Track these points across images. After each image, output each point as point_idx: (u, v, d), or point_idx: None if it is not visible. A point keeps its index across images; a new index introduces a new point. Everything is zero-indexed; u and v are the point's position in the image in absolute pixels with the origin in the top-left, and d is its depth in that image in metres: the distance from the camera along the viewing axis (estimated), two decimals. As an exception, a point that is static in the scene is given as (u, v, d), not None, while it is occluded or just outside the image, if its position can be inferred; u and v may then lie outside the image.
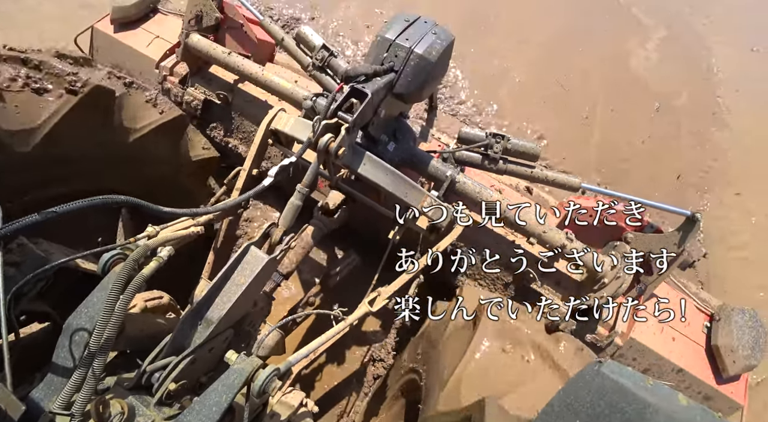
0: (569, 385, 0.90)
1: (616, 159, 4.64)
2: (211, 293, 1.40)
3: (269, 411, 1.54)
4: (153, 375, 1.33)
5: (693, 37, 5.86)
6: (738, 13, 6.16)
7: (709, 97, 5.35)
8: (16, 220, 1.07)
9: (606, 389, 0.84)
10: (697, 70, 5.56)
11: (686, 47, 5.75)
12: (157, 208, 1.34)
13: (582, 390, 0.86)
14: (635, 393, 0.82)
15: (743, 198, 4.67)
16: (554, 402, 0.90)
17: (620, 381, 0.84)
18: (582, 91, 5.00)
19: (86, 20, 2.74)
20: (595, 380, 0.86)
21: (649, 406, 0.79)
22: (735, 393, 2.24)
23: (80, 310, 1.28)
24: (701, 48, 5.77)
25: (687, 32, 5.89)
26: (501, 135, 2.17)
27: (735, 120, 5.18)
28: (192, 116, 2.58)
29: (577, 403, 0.86)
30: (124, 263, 1.27)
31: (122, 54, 2.69)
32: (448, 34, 1.92)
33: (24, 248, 1.48)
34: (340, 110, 1.66)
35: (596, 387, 0.85)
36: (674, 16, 5.99)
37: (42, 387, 1.19)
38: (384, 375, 2.27)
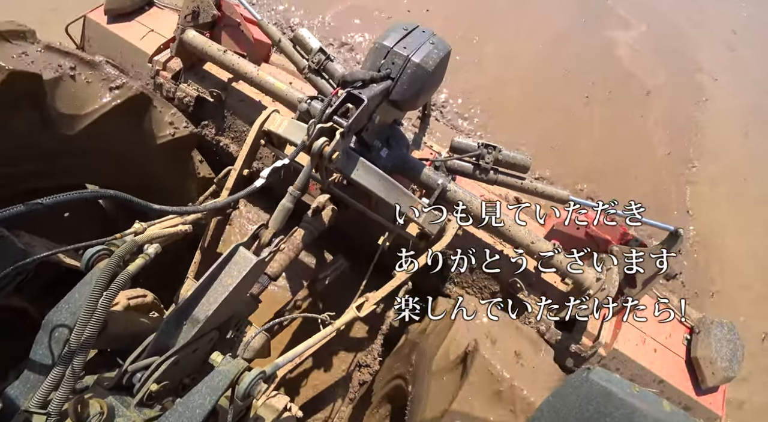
0: (558, 391, 0.91)
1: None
2: (197, 293, 1.38)
3: (253, 415, 1.52)
4: (134, 375, 1.29)
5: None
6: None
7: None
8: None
9: (594, 394, 0.86)
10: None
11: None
12: (145, 203, 1.31)
13: (570, 396, 0.88)
14: (623, 398, 0.83)
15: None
16: (543, 407, 0.91)
17: (608, 387, 0.86)
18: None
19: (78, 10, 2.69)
20: (584, 386, 0.88)
21: (637, 411, 0.81)
22: (713, 404, 2.30)
23: (61, 306, 1.24)
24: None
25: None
26: (493, 146, 2.21)
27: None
28: (184, 113, 2.55)
29: (565, 409, 0.87)
30: (109, 259, 1.24)
31: (115, 46, 2.64)
32: (445, 44, 1.95)
33: (4, 240, 1.43)
34: (336, 115, 1.66)
35: (584, 392, 0.87)
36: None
37: (17, 384, 1.15)
38: (369, 380, 2.25)
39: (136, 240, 1.39)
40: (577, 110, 5.10)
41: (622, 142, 4.99)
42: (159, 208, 1.37)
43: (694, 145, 5.20)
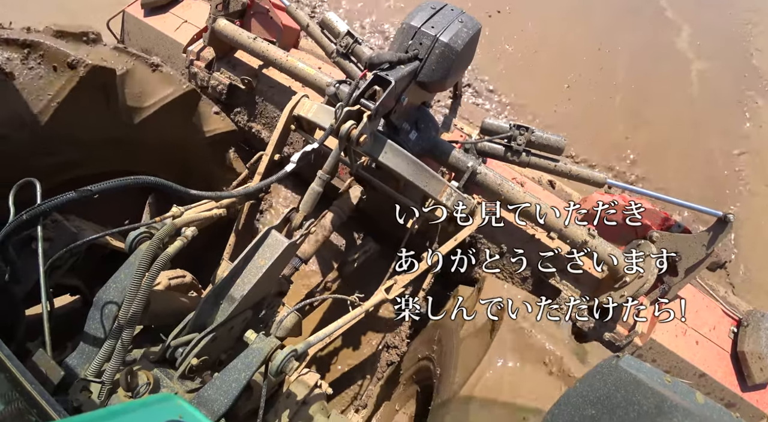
0: (586, 377, 0.89)
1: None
2: (233, 274, 1.44)
3: (285, 390, 1.59)
4: (176, 349, 1.38)
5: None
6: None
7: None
8: (55, 197, 1.12)
9: (622, 382, 0.84)
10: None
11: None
12: (184, 190, 1.38)
13: (598, 383, 0.86)
14: (653, 388, 0.81)
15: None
16: (570, 392, 0.90)
17: (638, 375, 0.83)
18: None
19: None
20: (612, 373, 0.86)
21: (666, 401, 0.78)
22: (760, 402, 2.17)
23: (109, 285, 1.34)
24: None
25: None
26: (525, 127, 2.13)
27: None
28: (217, 101, 2.62)
29: (593, 394, 0.86)
30: (150, 242, 1.32)
31: (151, 38, 2.75)
32: (475, 22, 1.88)
33: (58, 224, 1.55)
34: (363, 97, 1.65)
35: (613, 380, 0.85)
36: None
37: (75, 355, 1.26)
38: (397, 361, 2.29)
39: (175, 223, 1.46)
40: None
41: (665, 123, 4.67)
42: (196, 193, 1.44)
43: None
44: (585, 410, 0.85)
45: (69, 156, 2.07)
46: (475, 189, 2.16)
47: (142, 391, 1.24)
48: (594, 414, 0.83)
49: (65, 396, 1.12)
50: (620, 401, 0.82)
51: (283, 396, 1.57)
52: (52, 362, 1.13)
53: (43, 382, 1.04)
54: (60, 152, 2.02)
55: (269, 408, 1.52)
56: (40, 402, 0.87)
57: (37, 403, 0.87)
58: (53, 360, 1.14)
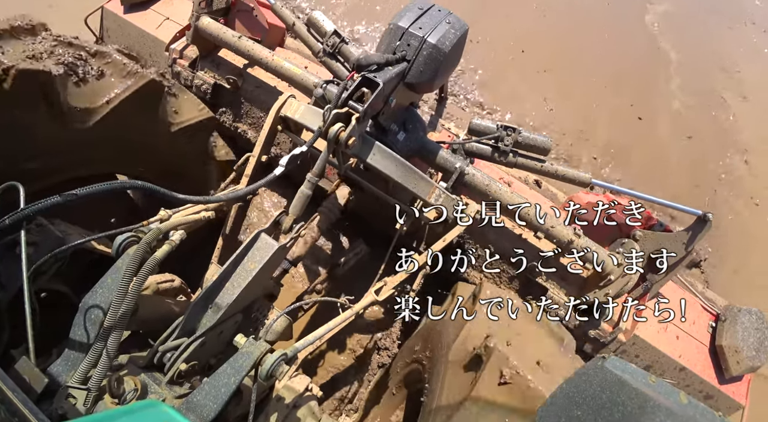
0: (572, 378, 0.91)
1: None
2: (222, 278, 1.43)
3: (275, 395, 1.59)
4: (165, 354, 1.37)
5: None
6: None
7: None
8: (38, 201, 1.10)
9: (608, 383, 0.86)
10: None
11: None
12: (171, 194, 1.36)
13: (584, 384, 0.88)
14: (637, 388, 0.83)
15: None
16: (557, 393, 0.92)
17: (623, 376, 0.86)
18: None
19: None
20: (598, 374, 0.88)
21: (650, 401, 0.81)
22: (736, 393, 2.25)
23: (96, 290, 1.31)
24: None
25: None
26: (512, 128, 2.15)
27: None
28: (202, 100, 2.58)
29: (579, 396, 0.88)
30: (138, 246, 1.30)
31: (132, 35, 2.67)
32: (462, 23, 1.89)
33: (43, 228, 1.51)
34: (351, 99, 1.65)
35: (598, 381, 0.87)
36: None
37: (60, 361, 1.23)
38: (388, 363, 2.30)
39: (161, 227, 1.44)
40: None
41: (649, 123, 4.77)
42: (183, 197, 1.42)
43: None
44: (571, 411, 0.87)
45: (46, 162, 2.00)
46: (463, 190, 2.18)
47: (129, 397, 1.22)
48: (580, 415, 0.85)
49: (49, 405, 1.10)
50: (605, 401, 0.84)
51: (274, 401, 1.56)
52: (35, 369, 1.11)
53: (26, 390, 1.02)
54: (34, 159, 1.94)
55: (259, 412, 1.51)
56: (23, 410, 0.86)
57: (20, 412, 0.86)
58: (37, 368, 1.12)
